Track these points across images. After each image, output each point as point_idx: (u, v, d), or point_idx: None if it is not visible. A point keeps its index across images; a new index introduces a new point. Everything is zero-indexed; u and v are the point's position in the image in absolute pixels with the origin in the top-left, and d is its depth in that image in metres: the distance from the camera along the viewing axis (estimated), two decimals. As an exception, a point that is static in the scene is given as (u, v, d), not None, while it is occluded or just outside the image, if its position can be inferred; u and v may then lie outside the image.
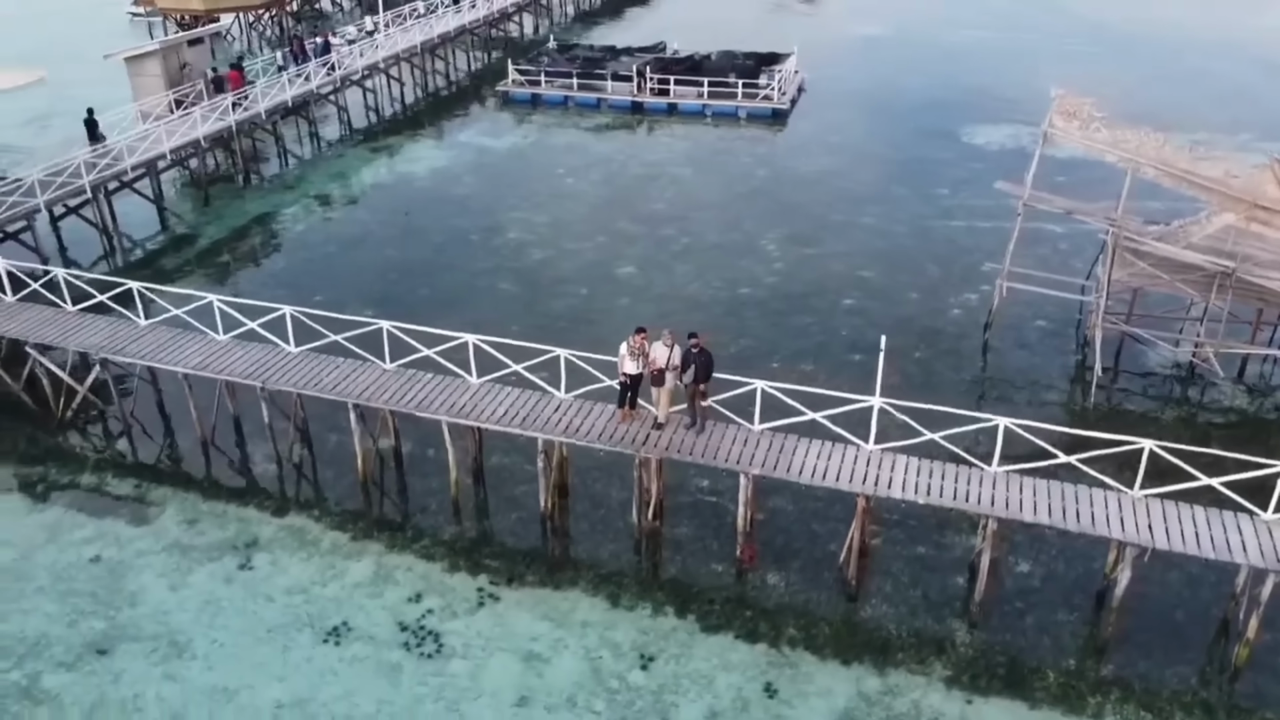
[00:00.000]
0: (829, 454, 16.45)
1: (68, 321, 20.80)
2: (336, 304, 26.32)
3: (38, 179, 26.61)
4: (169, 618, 16.61)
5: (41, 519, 18.91)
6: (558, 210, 32.48)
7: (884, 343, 16.34)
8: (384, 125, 42.17)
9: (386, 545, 18.10)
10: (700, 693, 15.11)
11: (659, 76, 42.58)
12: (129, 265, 29.51)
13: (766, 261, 28.65)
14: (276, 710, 14.95)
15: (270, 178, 36.32)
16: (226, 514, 18.94)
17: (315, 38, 44.18)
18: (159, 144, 30.70)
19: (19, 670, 15.62)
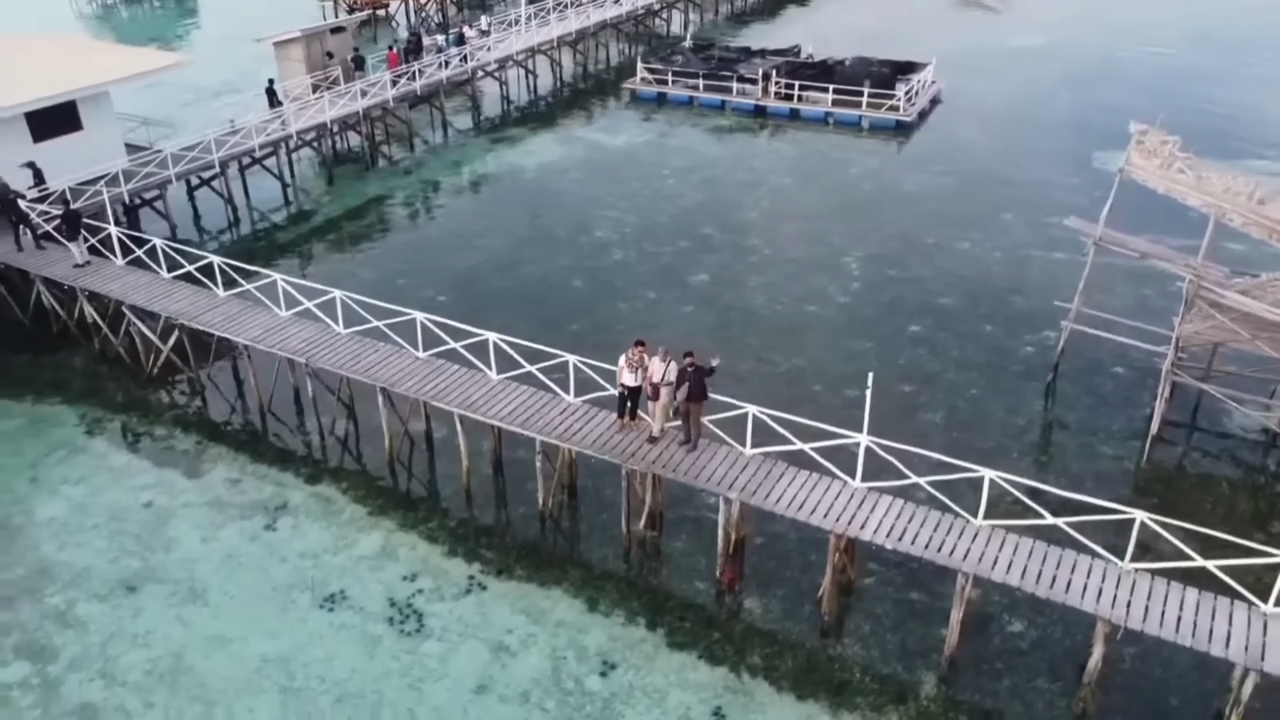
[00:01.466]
0: (813, 486, 16.22)
1: (159, 287, 22.98)
2: (416, 286, 28.05)
3: (170, 153, 29.32)
4: (194, 566, 18.24)
5: (113, 462, 21.09)
6: (650, 212, 32.87)
7: (870, 380, 15.90)
8: (511, 117, 43.67)
9: (398, 523, 19.16)
10: (649, 707, 15.32)
11: (784, 81, 42.23)
12: (248, 236, 32.13)
13: (843, 280, 28.09)
14: (261, 663, 16.21)
15: (394, 162, 38.40)
16: (267, 477, 20.52)
17: (448, 31, 46.11)
18: (287, 125, 33.13)
19: (60, 596, 17.59)
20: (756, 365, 24.01)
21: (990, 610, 16.68)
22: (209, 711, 15.32)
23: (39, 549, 18.67)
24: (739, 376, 23.45)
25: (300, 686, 15.75)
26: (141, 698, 15.57)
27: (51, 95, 27.58)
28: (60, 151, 28.06)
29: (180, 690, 15.69)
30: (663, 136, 40.48)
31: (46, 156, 27.61)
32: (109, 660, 16.25)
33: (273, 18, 48.39)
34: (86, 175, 27.83)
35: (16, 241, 24.85)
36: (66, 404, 22.96)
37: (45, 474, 20.71)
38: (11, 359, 24.61)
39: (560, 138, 40.66)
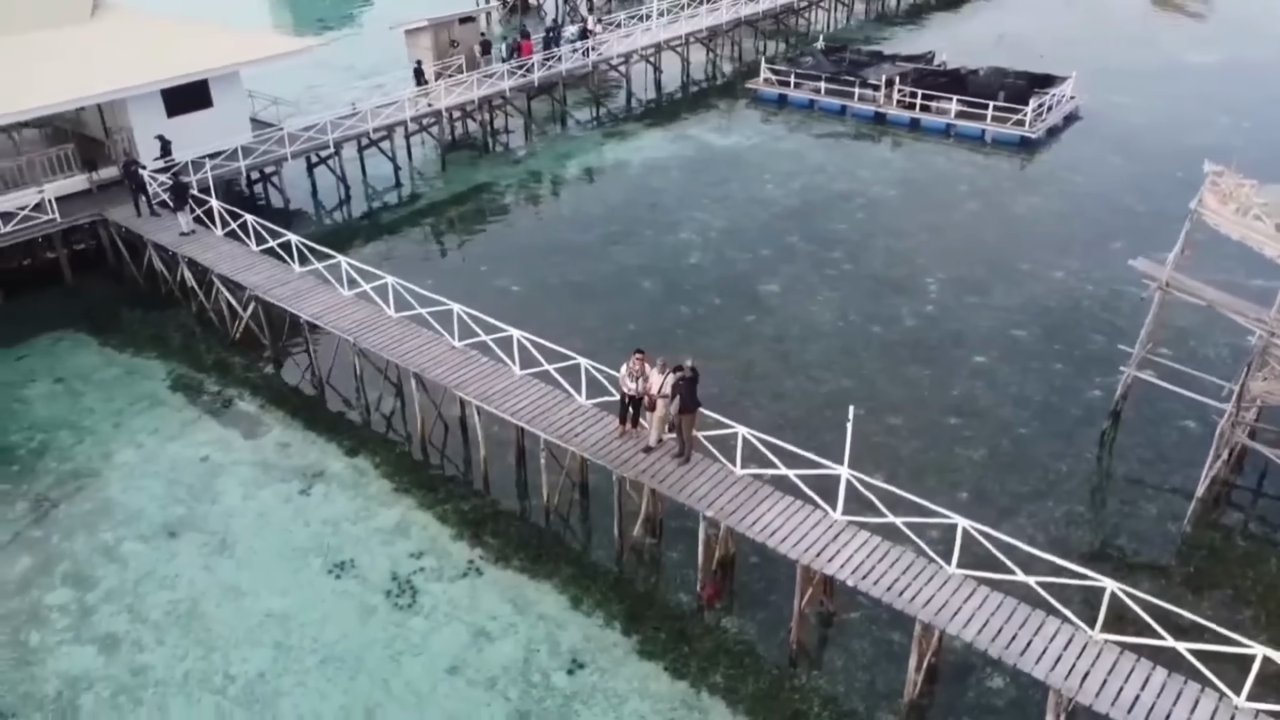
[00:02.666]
0: (793, 514, 16.04)
1: (245, 260, 24.86)
2: (493, 274, 29.15)
3: (288, 132, 31.48)
4: (229, 520, 19.80)
5: (185, 416, 23.04)
6: (739, 217, 32.76)
7: (851, 413, 15.55)
8: (630, 112, 44.27)
9: (417, 502, 20.14)
10: (605, 710, 15.63)
11: (907, 88, 40.99)
12: (356, 214, 34.09)
13: (918, 302, 27.23)
14: (265, 618, 17.49)
15: (506, 151, 39.73)
16: (313, 445, 21.95)
17: (559, 27, 46.91)
18: (401, 110, 34.88)
19: (111, 533, 19.48)
20: (801, 383, 23.73)
21: (971, 660, 16.07)
22: (208, 655, 16.70)
23: (106, 489, 20.72)
24: (780, 393, 23.35)
25: (293, 644, 16.92)
26: (155, 635, 17.12)
27: (186, 74, 30.14)
28: (191, 126, 30.63)
29: (190, 633, 17.15)
30: (774, 140, 40.11)
31: (178, 130, 30.23)
32: (138, 597, 17.93)
33: (443, 4, 50.61)
34: (211, 149, 30.28)
35: (136, 208, 27.36)
36: (159, 359, 25.22)
37: (127, 421, 22.89)
38: (125, 314, 27.19)
39: (672, 135, 40.93)
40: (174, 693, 16.03)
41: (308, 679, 16.26)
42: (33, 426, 22.70)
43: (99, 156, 29.43)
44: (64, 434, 22.45)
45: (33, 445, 22.11)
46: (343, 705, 15.78)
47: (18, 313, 27.11)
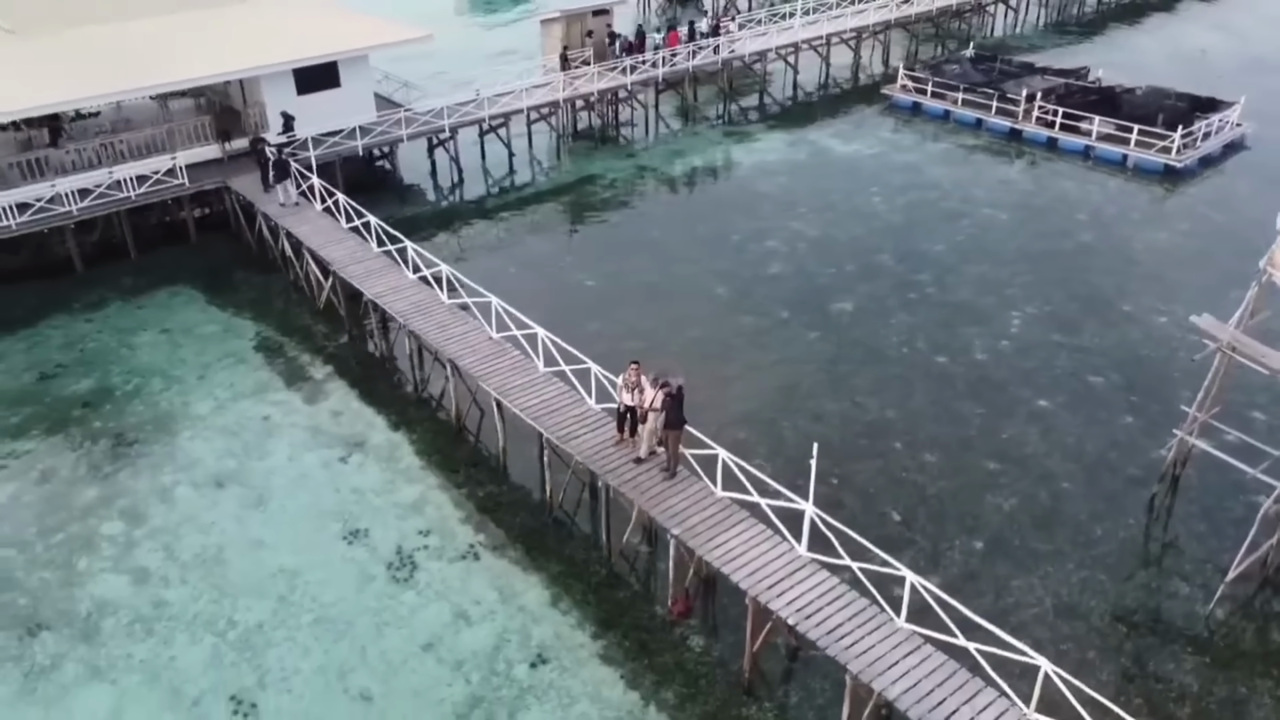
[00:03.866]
0: (760, 543, 15.89)
1: (332, 235, 26.58)
2: (574, 267, 29.96)
3: (405, 115, 33.21)
4: (271, 477, 21.41)
5: (260, 376, 24.95)
6: (834, 229, 32.08)
7: (815, 450, 15.23)
8: (757, 112, 43.89)
9: (438, 482, 21.12)
10: (554, 709, 16.06)
11: (1048, 105, 38.70)
12: (465, 196, 35.62)
13: (995, 336, 25.96)
14: (276, 572, 18.89)
15: (623, 144, 40.32)
16: (361, 416, 23.33)
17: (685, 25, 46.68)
18: (519, 99, 36.06)
19: (170, 476, 21.46)
20: (845, 407, 23.20)
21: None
22: (219, 600, 18.24)
23: (176, 436, 22.80)
24: (820, 414, 22.95)
25: (294, 601, 18.22)
26: (181, 574, 18.83)
27: (317, 56, 32.29)
28: (318, 104, 32.81)
29: (209, 577, 18.76)
30: (896, 150, 38.87)
31: (306, 108, 32.47)
32: (175, 538, 19.74)
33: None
34: (335, 128, 32.35)
35: (263, 181, 29.62)
36: (253, 320, 27.37)
37: (211, 375, 25.03)
38: (235, 275, 29.59)
39: (793, 139, 40.35)
40: (181, 629, 17.63)
41: (297, 635, 17.50)
42: (132, 371, 25.22)
43: (234, 128, 32.02)
44: (156, 380, 24.82)
45: (128, 388, 24.58)
46: (320, 665, 16.91)
47: (148, 266, 30.02)
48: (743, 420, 22.77)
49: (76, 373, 25.17)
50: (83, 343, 26.45)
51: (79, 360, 25.71)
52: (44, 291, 28.61)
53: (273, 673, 16.77)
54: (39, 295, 28.46)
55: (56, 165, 28.97)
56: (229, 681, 16.61)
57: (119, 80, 29.09)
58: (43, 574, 18.94)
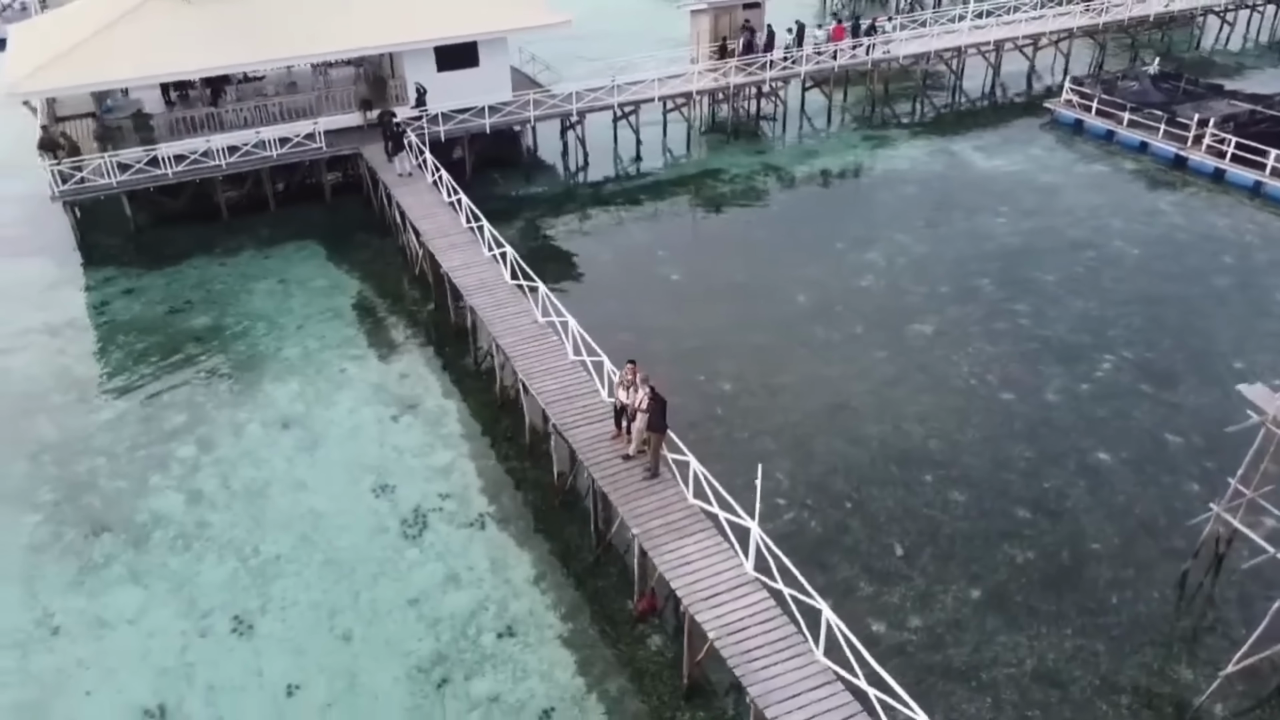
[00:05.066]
0: (711, 554, 16.01)
1: (430, 208, 28.27)
2: (666, 260, 30.75)
3: (533, 97, 34.60)
4: (329, 427, 23.31)
5: (348, 332, 26.98)
6: (943, 246, 30.86)
7: (760, 471, 15.16)
8: (903, 116, 42.45)
9: (470, 450, 22.33)
10: (505, 679, 16.87)
11: (1221, 133, 35.29)
12: (587, 178, 36.76)
13: (1076, 377, 24.35)
14: (306, 512, 20.68)
15: (756, 139, 40.13)
16: (422, 380, 24.89)
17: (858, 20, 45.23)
18: (650, 89, 36.67)
19: (245, 414, 23.75)
20: (885, 431, 22.60)
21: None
22: (252, 530, 20.23)
23: (262, 377, 25.19)
24: (856, 436, 22.55)
25: (313, 540, 19.94)
26: (227, 501, 21.00)
27: (460, 35, 34.12)
28: (457, 82, 34.72)
29: (250, 508, 20.81)
30: (1041, 169, 36.68)
31: (445, 84, 34.45)
32: (232, 468, 21.98)
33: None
34: (470, 104, 34.16)
35: (385, 150, 31.80)
36: (359, 279, 29.60)
37: (309, 325, 27.38)
38: (356, 236, 31.96)
39: (934, 148, 38.83)
40: (213, 550, 19.73)
41: (304, 572, 19.21)
42: (244, 314, 27.95)
43: (379, 99, 34.41)
44: (261, 325, 27.42)
45: (237, 329, 27.30)
46: (316, 602, 18.52)
47: (284, 220, 32.99)
48: (777, 431, 22.68)
49: (199, 310, 28.20)
50: (212, 283, 29.54)
51: (205, 299, 28.76)
52: (194, 234, 32.07)
53: (275, 601, 18.54)
54: (189, 237, 31.95)
55: (215, 122, 32.27)
56: (237, 602, 18.51)
57: (273, 48, 31.92)
58: (119, 483, 21.64)
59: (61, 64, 28.90)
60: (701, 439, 22.26)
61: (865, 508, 20.49)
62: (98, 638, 17.85)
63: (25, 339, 26.95)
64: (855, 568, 18.97)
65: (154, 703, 16.57)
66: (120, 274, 30.27)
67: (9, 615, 18.32)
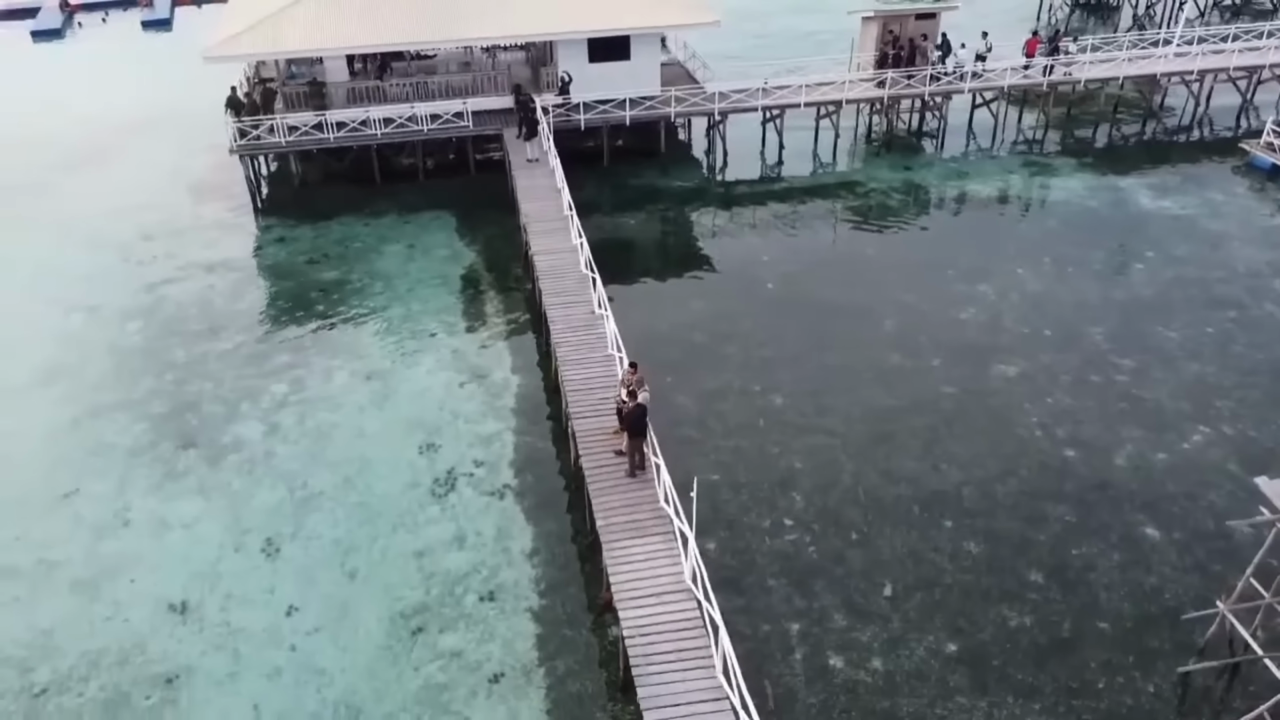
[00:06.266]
0: (658, 560, 16.47)
1: (542, 193, 29.92)
2: (767, 265, 31.01)
3: (674, 94, 35.37)
4: (403, 384, 25.33)
5: (450, 300, 29.05)
6: (1062, 287, 29.01)
7: (696, 483, 15.39)
8: (1076, 143, 39.66)
9: (517, 425, 23.62)
10: (471, 640, 18.08)
11: None
12: (720, 175, 37.26)
13: (1155, 446, 22.47)
14: (356, 457, 22.75)
15: (909, 153, 38.91)
16: (497, 353, 26.46)
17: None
18: (797, 94, 36.50)
19: (338, 363, 26.24)
20: (921, 469, 21.94)
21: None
22: (307, 465, 22.54)
23: (364, 332, 27.65)
24: (888, 469, 22.12)
25: (353, 483, 21.98)
26: (297, 436, 23.47)
27: (614, 28, 35.36)
28: (606, 73, 36.05)
29: (314, 446, 23.15)
30: (1212, 215, 33.43)
31: (595, 75, 35.88)
32: (311, 409, 24.46)
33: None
34: (615, 96, 35.44)
35: (519, 132, 33.64)
36: (476, 252, 31.69)
37: (418, 289, 29.68)
38: (488, 212, 33.93)
39: (1096, 182, 36.21)
40: (270, 478, 22.21)
41: (336, 512, 21.28)
42: (368, 272, 30.68)
43: (531, 84, 36.32)
44: (379, 284, 30.03)
45: (358, 284, 30.05)
46: (336, 540, 20.52)
47: (429, 190, 35.66)
48: (811, 451, 22.56)
49: (332, 264, 31.23)
50: (351, 241, 32.56)
51: (340, 255, 31.79)
52: (348, 195, 35.35)
53: (304, 531, 20.72)
54: (344, 197, 35.25)
55: (379, 94, 35.30)
56: (274, 526, 20.84)
57: (441, 29, 34.43)
58: (216, 407, 24.66)
59: (249, 33, 32.70)
60: (732, 448, 22.71)
61: (871, 542, 20.13)
62: (156, 536, 20.72)
63: (186, 272, 30.96)
64: (837, 598, 18.79)
65: (179, 599, 19.12)
66: (279, 224, 33.99)
67: (96, 505, 21.56)
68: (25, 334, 28.15)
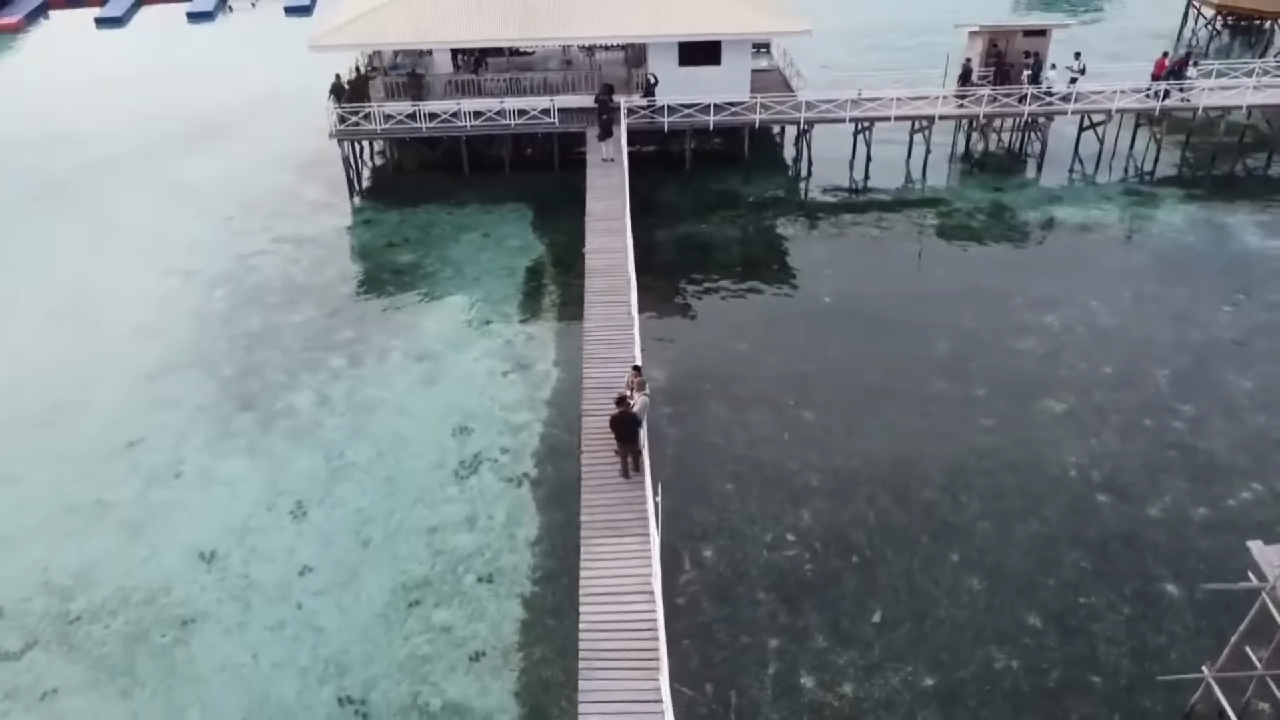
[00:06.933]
0: (630, 558, 16.80)
1: (607, 193, 30.52)
2: (829, 279, 30.71)
3: (761, 101, 35.36)
4: (453, 368, 26.45)
5: (512, 291, 30.03)
6: (1133, 323, 27.64)
7: (660, 489, 15.57)
8: (1188, 173, 37.43)
9: (547, 418, 24.34)
10: (461, 617, 18.89)
11: None
12: (812, 187, 37.02)
13: (1199, 500, 21.31)
14: (394, 434, 23.92)
15: (1001, 175, 37.64)
16: (545, 346, 27.23)
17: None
18: (886, 107, 35.87)
19: (396, 341, 27.60)
20: (939, 498, 21.52)
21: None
22: (348, 437, 23.86)
23: (424, 316, 28.92)
24: (903, 493, 21.86)
25: (386, 458, 23.16)
26: (343, 409, 24.86)
27: (704, 33, 35.60)
28: (696, 77, 36.31)
29: (356, 420, 24.48)
30: (1327, 260, 31.17)
31: (684, 78, 36.20)
32: (362, 384, 25.84)
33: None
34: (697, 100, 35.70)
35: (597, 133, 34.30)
36: (546, 245, 32.60)
37: (484, 279, 30.80)
38: (566, 207, 34.16)
39: (1202, 215, 34.14)
40: (312, 445, 23.64)
41: (365, 483, 22.50)
42: (441, 258, 32.03)
43: (621, 85, 36.96)
44: (448, 270, 31.33)
45: (429, 269, 31.43)
46: (359, 508, 21.73)
47: (513, 183, 36.78)
48: (831, 470, 22.43)
49: (410, 248, 32.74)
50: (431, 228, 34.03)
51: (420, 239, 33.29)
52: (437, 184, 36.88)
53: (332, 498, 22.02)
54: (433, 186, 36.81)
55: (474, 88, 36.62)
56: (306, 491, 22.23)
57: (536, 28, 35.44)
58: (278, 375, 26.37)
59: (352, 25, 34.56)
60: (751, 459, 22.84)
61: (870, 567, 19.92)
62: (201, 489, 22.43)
63: (276, 246, 33.05)
64: (823, 619, 18.72)
65: (209, 549, 20.69)
66: (369, 206, 35.83)
67: (155, 455, 23.46)
68: (127, 292, 30.69)
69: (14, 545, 20.98)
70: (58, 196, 37.41)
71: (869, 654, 18.02)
